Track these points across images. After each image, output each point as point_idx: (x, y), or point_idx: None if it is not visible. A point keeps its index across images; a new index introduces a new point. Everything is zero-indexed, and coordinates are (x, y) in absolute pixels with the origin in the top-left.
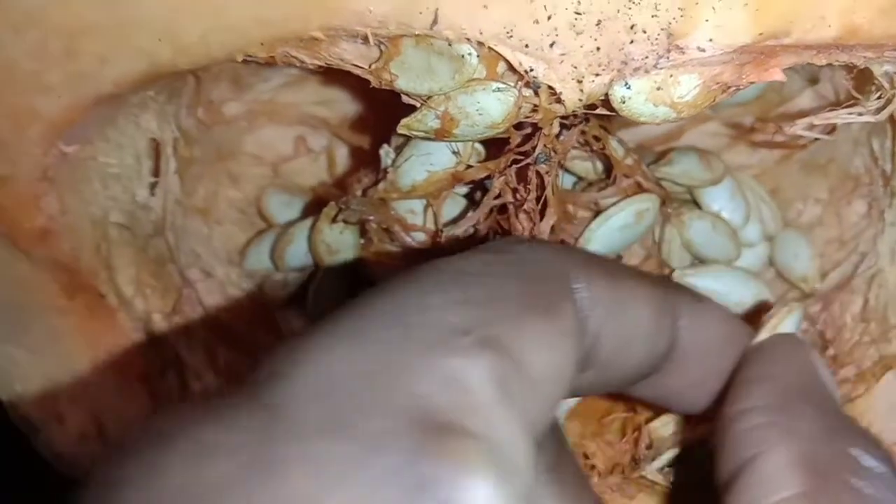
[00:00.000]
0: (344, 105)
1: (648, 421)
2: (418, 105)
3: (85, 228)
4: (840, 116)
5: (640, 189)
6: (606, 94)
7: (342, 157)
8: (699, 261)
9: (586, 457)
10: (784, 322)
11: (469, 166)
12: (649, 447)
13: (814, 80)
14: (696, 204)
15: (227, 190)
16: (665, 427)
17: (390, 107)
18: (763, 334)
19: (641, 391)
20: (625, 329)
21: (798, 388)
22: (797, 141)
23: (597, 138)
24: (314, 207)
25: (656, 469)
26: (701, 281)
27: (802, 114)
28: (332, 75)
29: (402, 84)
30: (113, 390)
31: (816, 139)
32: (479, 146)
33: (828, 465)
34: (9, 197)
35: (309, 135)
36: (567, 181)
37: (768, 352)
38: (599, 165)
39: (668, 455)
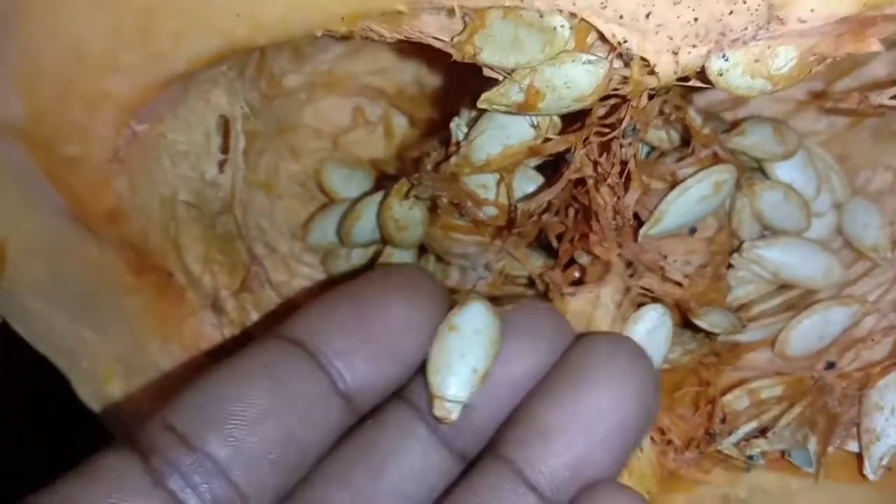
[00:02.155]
0: (399, 74)
1: (723, 394)
2: (500, 78)
3: (154, 207)
4: None
5: (716, 158)
6: (701, 66)
7: (399, 126)
8: (769, 231)
9: (662, 431)
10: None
11: (548, 139)
12: (723, 420)
13: (892, 44)
14: (764, 173)
15: (287, 164)
16: (739, 400)
17: (448, 74)
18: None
19: None
20: None
21: None
22: (875, 109)
23: (677, 107)
24: (377, 181)
25: (732, 443)
26: (770, 253)
27: (877, 82)
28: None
29: (486, 57)
30: (181, 367)
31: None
32: (556, 118)
33: None
34: (80, 178)
35: (366, 105)
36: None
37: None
38: (674, 134)
39: (744, 429)
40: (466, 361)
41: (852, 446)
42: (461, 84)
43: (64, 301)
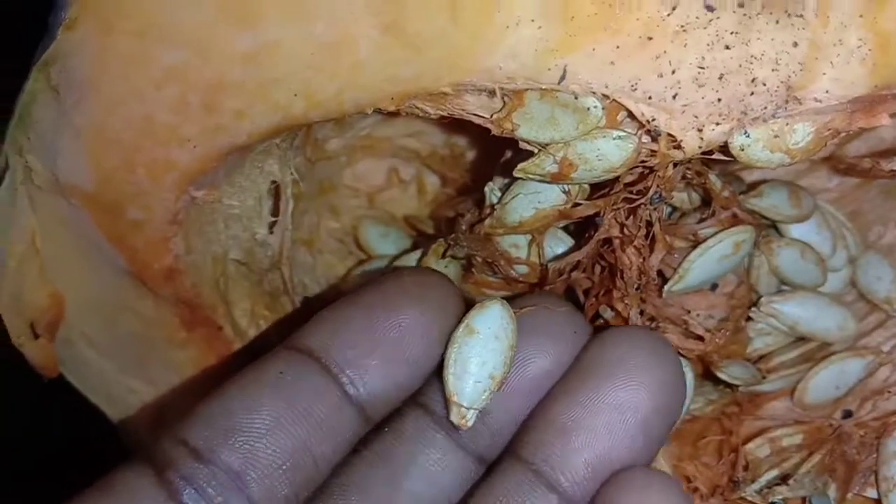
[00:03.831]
0: (432, 136)
1: (745, 443)
2: (535, 150)
3: (206, 265)
4: None
5: (735, 219)
6: (724, 142)
7: (431, 185)
8: (787, 285)
9: (688, 479)
10: None
11: (577, 204)
12: (746, 468)
13: None
14: (778, 231)
15: (327, 221)
16: (760, 448)
17: (475, 137)
18: None
19: None
20: None
21: None
22: (886, 173)
23: (698, 173)
24: (413, 239)
25: (755, 490)
26: (787, 307)
27: (886, 147)
28: None
29: (523, 133)
30: None
31: None
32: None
33: None
34: (141, 239)
35: (400, 166)
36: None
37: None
38: (694, 195)
39: (767, 476)
40: (484, 366)
41: (871, 493)
42: (487, 145)
43: (117, 352)
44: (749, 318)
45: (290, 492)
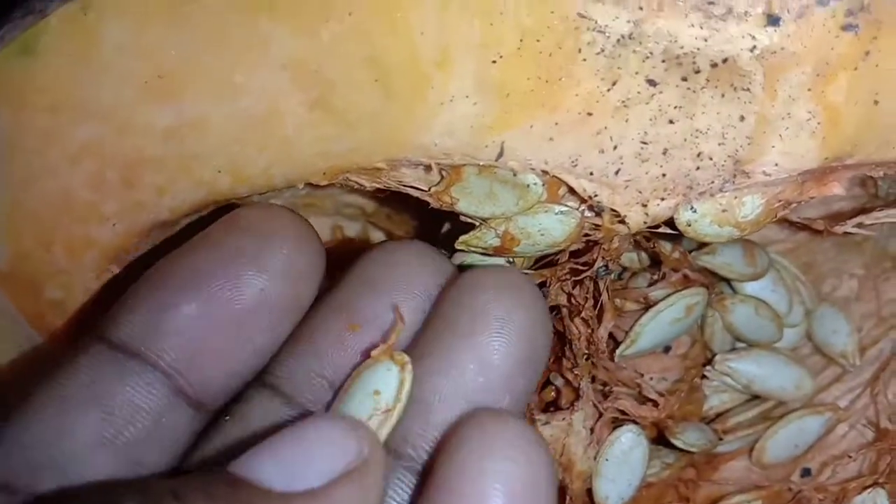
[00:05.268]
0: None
1: None
2: (477, 223)
3: None
4: (891, 216)
5: (687, 280)
6: (670, 216)
7: (377, 241)
8: (742, 342)
9: None
10: None
11: (524, 272)
12: None
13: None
14: (732, 287)
15: None
16: None
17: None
18: None
19: None
20: None
21: None
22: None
23: (646, 238)
24: None
25: None
26: (742, 365)
27: (838, 207)
28: None
29: (462, 207)
30: None
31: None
32: None
33: None
34: (61, 319)
35: (345, 223)
36: None
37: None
38: (644, 255)
39: None
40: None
41: None
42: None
43: None
44: (704, 377)
45: None
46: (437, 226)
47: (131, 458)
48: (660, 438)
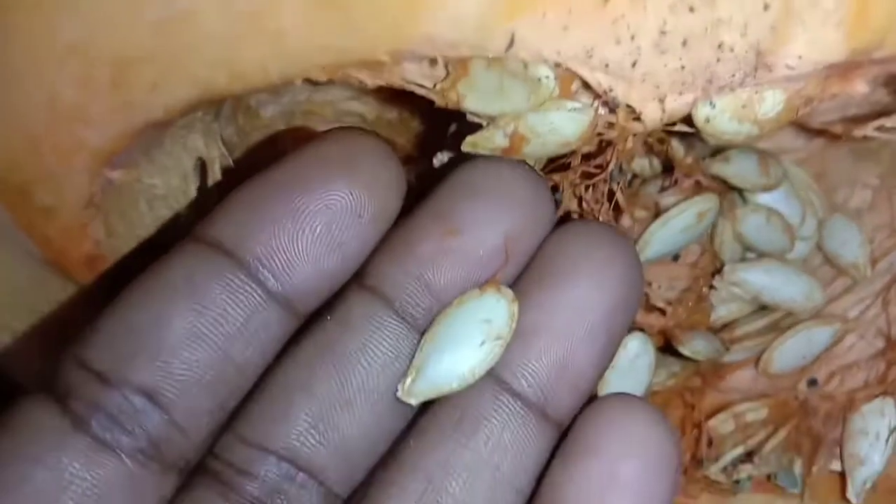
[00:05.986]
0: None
1: (708, 418)
2: (484, 123)
3: (130, 249)
4: None
5: (699, 187)
6: (688, 113)
7: None
8: (752, 252)
9: None
10: None
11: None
12: (710, 445)
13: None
14: (743, 198)
15: None
16: (724, 424)
17: (425, 102)
18: None
19: None
20: None
21: None
22: (859, 137)
23: (660, 140)
24: None
25: (720, 469)
26: (751, 275)
27: (859, 101)
28: None
29: (469, 104)
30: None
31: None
32: None
33: None
34: (55, 227)
35: None
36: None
37: None
38: (655, 162)
39: (731, 455)
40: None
41: (836, 466)
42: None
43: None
44: (712, 287)
45: (214, 405)
46: (441, 134)
47: (222, 352)
48: (666, 348)
